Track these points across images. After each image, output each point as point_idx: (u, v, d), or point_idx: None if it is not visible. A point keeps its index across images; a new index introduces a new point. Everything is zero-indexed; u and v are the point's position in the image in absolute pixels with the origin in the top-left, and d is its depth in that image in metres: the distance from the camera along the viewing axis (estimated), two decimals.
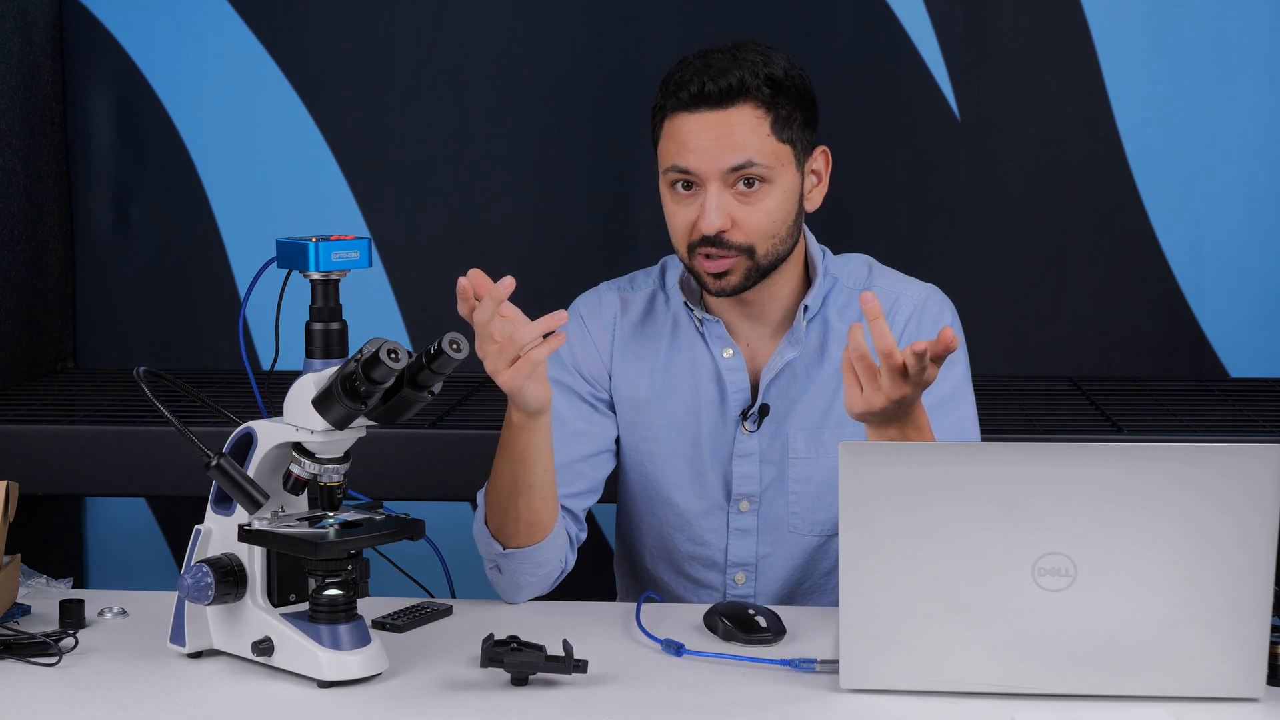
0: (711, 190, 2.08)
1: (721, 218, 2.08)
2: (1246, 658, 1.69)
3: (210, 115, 3.57)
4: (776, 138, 2.09)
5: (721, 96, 2.07)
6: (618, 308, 2.28)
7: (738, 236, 2.09)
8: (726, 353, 2.21)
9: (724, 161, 2.07)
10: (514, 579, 2.10)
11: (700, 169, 2.08)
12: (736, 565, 2.22)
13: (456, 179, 3.55)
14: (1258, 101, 3.43)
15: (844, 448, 1.69)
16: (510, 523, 2.07)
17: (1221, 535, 1.66)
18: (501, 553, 2.08)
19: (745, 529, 2.22)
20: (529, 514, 2.06)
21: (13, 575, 2.03)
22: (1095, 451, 1.68)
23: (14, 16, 3.37)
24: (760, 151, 2.08)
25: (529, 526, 2.07)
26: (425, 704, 1.74)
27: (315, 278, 1.82)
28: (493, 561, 2.10)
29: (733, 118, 2.07)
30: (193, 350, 3.61)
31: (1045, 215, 3.49)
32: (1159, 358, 3.50)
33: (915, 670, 1.72)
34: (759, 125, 2.08)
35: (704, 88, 2.07)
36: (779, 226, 2.11)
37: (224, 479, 1.80)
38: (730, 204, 2.09)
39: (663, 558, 2.27)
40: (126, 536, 3.62)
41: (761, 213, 2.09)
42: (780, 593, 2.23)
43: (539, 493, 2.05)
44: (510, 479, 2.04)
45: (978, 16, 3.45)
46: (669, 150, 2.11)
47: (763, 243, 2.11)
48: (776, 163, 2.10)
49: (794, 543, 2.20)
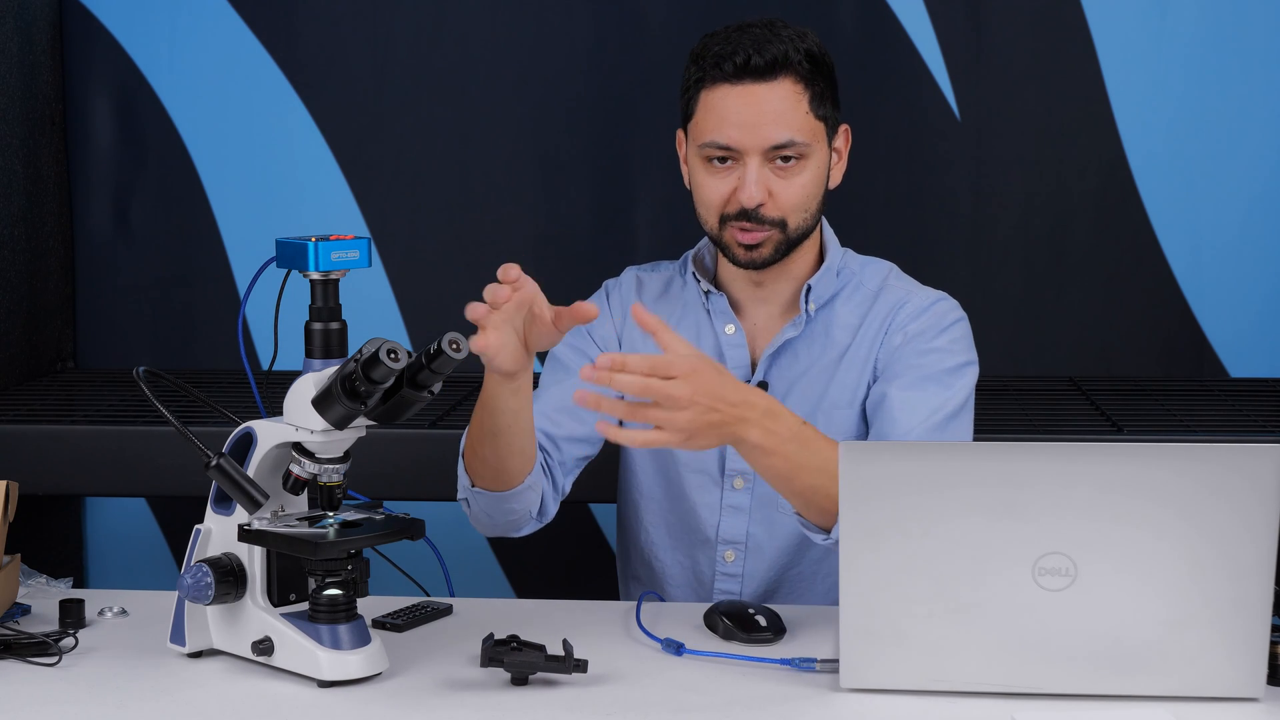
0: (752, 164, 2.10)
1: (761, 191, 2.11)
2: (1247, 658, 1.69)
3: (210, 115, 3.57)
4: (814, 114, 2.13)
5: (766, 69, 2.09)
6: (635, 284, 2.32)
7: (773, 210, 2.12)
8: (729, 329, 2.23)
9: (768, 138, 2.09)
10: (478, 515, 2.14)
11: (743, 144, 2.10)
12: (727, 543, 2.23)
13: (456, 179, 3.55)
14: (1258, 101, 3.43)
15: (844, 447, 1.69)
16: (479, 464, 2.08)
17: (1222, 535, 1.66)
18: (469, 487, 2.11)
19: (738, 506, 2.22)
20: (494, 461, 2.06)
21: (13, 575, 2.03)
22: (1095, 451, 1.68)
23: (14, 16, 3.37)
24: (801, 128, 2.11)
25: (495, 474, 2.08)
26: (425, 704, 1.74)
27: (315, 278, 1.82)
28: (463, 494, 2.13)
29: (775, 91, 2.10)
30: (193, 350, 3.61)
31: (1045, 215, 3.49)
32: (1159, 358, 3.50)
33: (915, 670, 1.72)
34: (799, 101, 2.11)
35: (750, 60, 2.08)
36: (811, 201, 2.15)
37: (224, 479, 1.80)
38: (768, 178, 2.11)
39: (662, 529, 2.28)
40: (126, 536, 3.62)
41: (797, 187, 2.12)
42: (769, 575, 2.23)
43: (504, 443, 2.04)
44: (478, 423, 2.05)
45: (978, 16, 3.45)
46: (708, 124, 2.12)
47: (795, 216, 2.14)
48: (813, 139, 2.13)
49: (783, 524, 2.21)
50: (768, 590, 2.24)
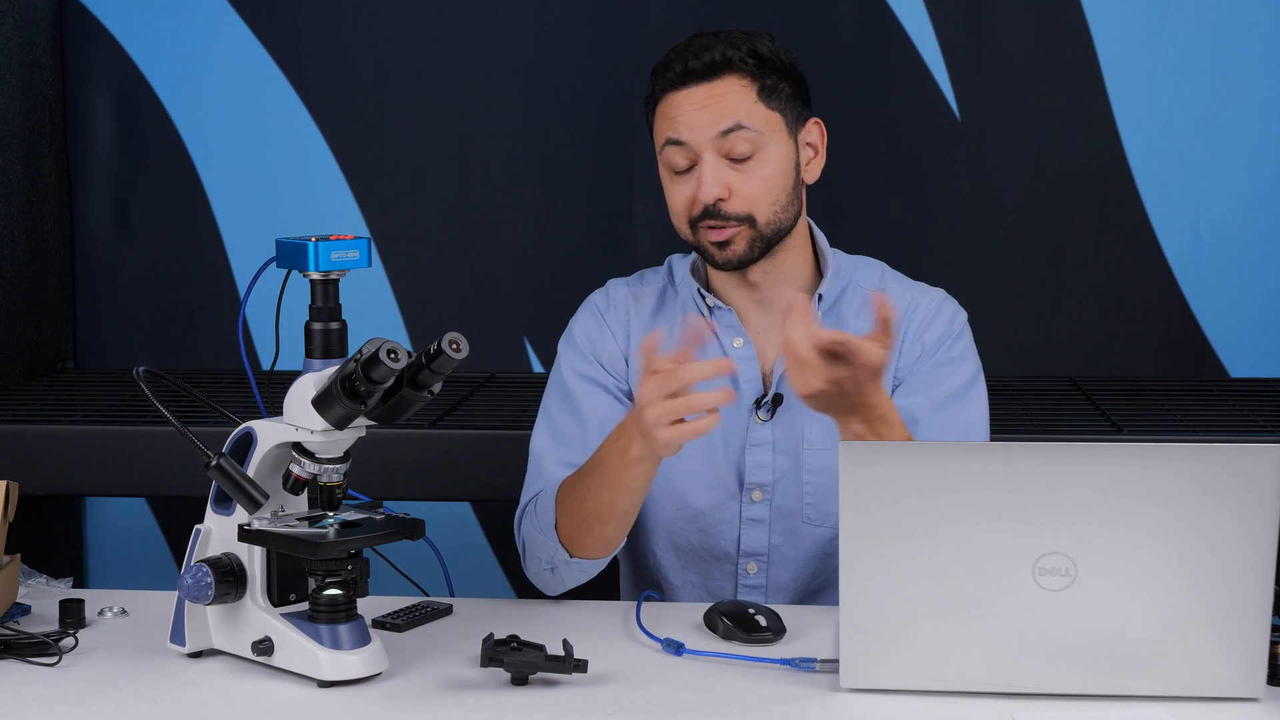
0: (707, 160, 2.12)
1: (719, 186, 2.11)
2: (1247, 658, 1.69)
3: (210, 115, 3.57)
4: (765, 105, 2.13)
5: (707, 70, 2.12)
6: (630, 302, 2.29)
7: (736, 206, 2.12)
8: (737, 342, 2.22)
9: (714, 127, 2.11)
10: (564, 579, 2.14)
11: (692, 138, 2.12)
12: (749, 555, 2.23)
13: (456, 179, 3.55)
14: (1258, 101, 3.43)
15: (844, 447, 1.69)
16: (591, 539, 2.08)
17: (1222, 535, 1.66)
18: (566, 560, 2.11)
19: (758, 519, 2.22)
20: (615, 535, 2.09)
21: (13, 575, 2.03)
22: (1095, 451, 1.68)
23: (14, 16, 3.37)
24: (749, 116, 2.12)
25: (608, 544, 2.10)
26: (425, 704, 1.74)
27: (315, 278, 1.82)
28: (550, 564, 2.12)
29: (719, 88, 2.12)
30: (193, 350, 3.61)
31: (1045, 215, 3.49)
32: (1159, 358, 3.50)
33: (915, 670, 1.72)
34: (745, 93, 2.12)
35: (688, 64, 2.12)
36: (778, 193, 2.14)
37: (224, 479, 1.80)
38: (726, 174, 2.12)
39: (671, 552, 2.27)
40: (126, 536, 3.62)
41: (757, 179, 2.13)
42: (794, 586, 2.23)
43: (631, 518, 2.08)
44: (608, 503, 2.04)
45: (978, 17, 3.45)
46: (662, 129, 2.16)
47: (763, 209, 2.13)
48: (767, 128, 2.13)
49: (807, 534, 2.21)
50: (792, 601, 2.23)
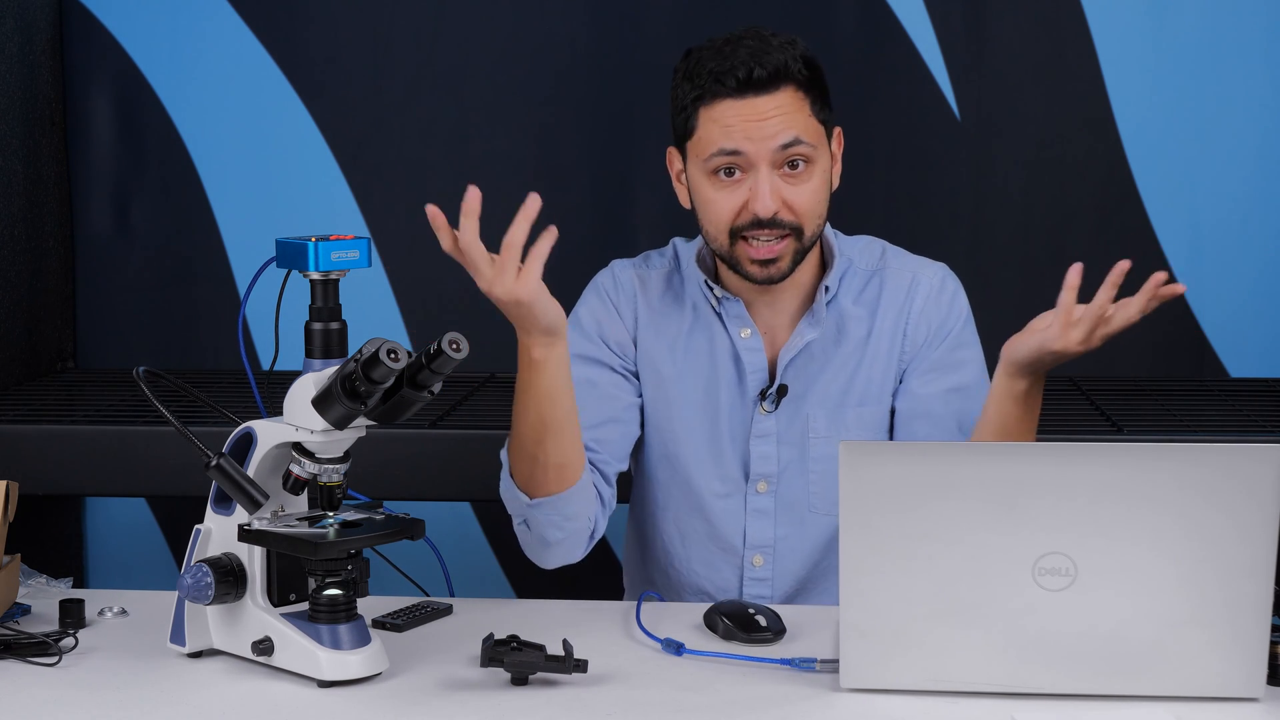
0: (763, 172, 2.10)
1: (775, 200, 2.11)
2: (1246, 658, 1.69)
3: (210, 115, 3.57)
4: (816, 118, 2.14)
5: (769, 80, 2.09)
6: (636, 284, 2.30)
7: (788, 216, 2.12)
8: (744, 333, 2.22)
9: (776, 140, 2.09)
10: (541, 534, 2.10)
11: (752, 151, 2.10)
12: (755, 547, 2.23)
13: (456, 179, 3.51)
14: (1257, 101, 3.43)
15: (844, 447, 1.69)
16: (539, 469, 2.05)
17: (1221, 535, 1.66)
18: (529, 503, 2.07)
19: (763, 510, 2.22)
20: (558, 455, 2.04)
21: (13, 575, 2.03)
22: (1095, 451, 1.68)
23: (14, 16, 3.37)
24: (805, 129, 2.11)
25: (559, 470, 2.05)
26: (425, 704, 1.74)
27: (315, 278, 1.82)
28: (520, 516, 2.10)
29: (780, 99, 2.10)
30: (193, 350, 3.61)
31: (1045, 215, 3.49)
32: (1159, 358, 3.50)
33: (915, 670, 1.72)
34: (801, 105, 2.12)
35: (752, 73, 2.09)
36: (822, 205, 2.16)
37: (224, 479, 1.80)
38: (780, 186, 2.11)
39: (678, 543, 2.27)
40: (126, 536, 3.62)
41: (809, 193, 2.13)
42: (799, 573, 2.23)
43: (567, 431, 2.03)
44: (536, 420, 2.01)
45: (978, 16, 3.45)
46: (713, 136, 2.11)
47: (810, 223, 2.14)
48: (819, 141, 2.14)
49: (814, 523, 2.21)
50: (798, 589, 2.24)
